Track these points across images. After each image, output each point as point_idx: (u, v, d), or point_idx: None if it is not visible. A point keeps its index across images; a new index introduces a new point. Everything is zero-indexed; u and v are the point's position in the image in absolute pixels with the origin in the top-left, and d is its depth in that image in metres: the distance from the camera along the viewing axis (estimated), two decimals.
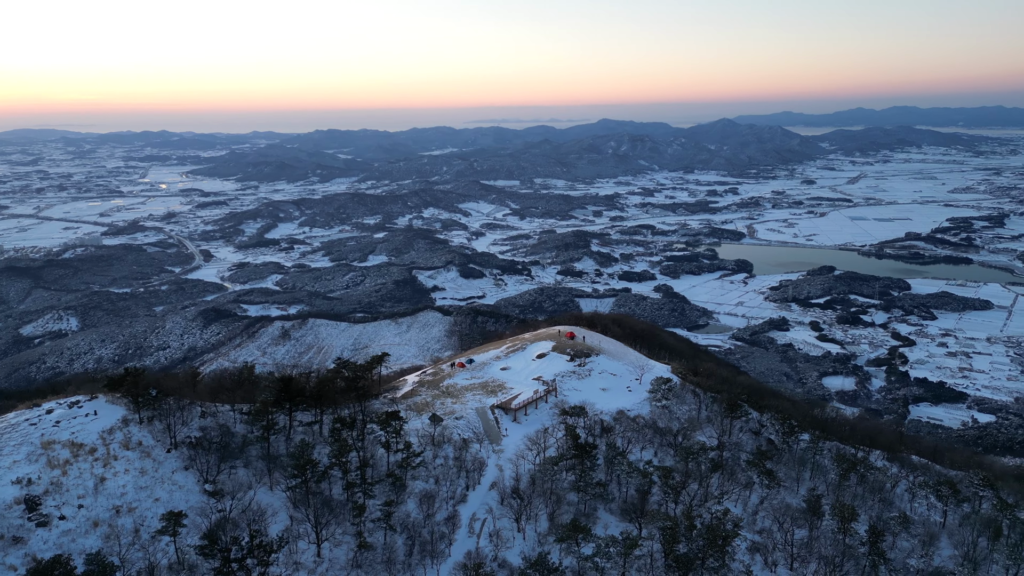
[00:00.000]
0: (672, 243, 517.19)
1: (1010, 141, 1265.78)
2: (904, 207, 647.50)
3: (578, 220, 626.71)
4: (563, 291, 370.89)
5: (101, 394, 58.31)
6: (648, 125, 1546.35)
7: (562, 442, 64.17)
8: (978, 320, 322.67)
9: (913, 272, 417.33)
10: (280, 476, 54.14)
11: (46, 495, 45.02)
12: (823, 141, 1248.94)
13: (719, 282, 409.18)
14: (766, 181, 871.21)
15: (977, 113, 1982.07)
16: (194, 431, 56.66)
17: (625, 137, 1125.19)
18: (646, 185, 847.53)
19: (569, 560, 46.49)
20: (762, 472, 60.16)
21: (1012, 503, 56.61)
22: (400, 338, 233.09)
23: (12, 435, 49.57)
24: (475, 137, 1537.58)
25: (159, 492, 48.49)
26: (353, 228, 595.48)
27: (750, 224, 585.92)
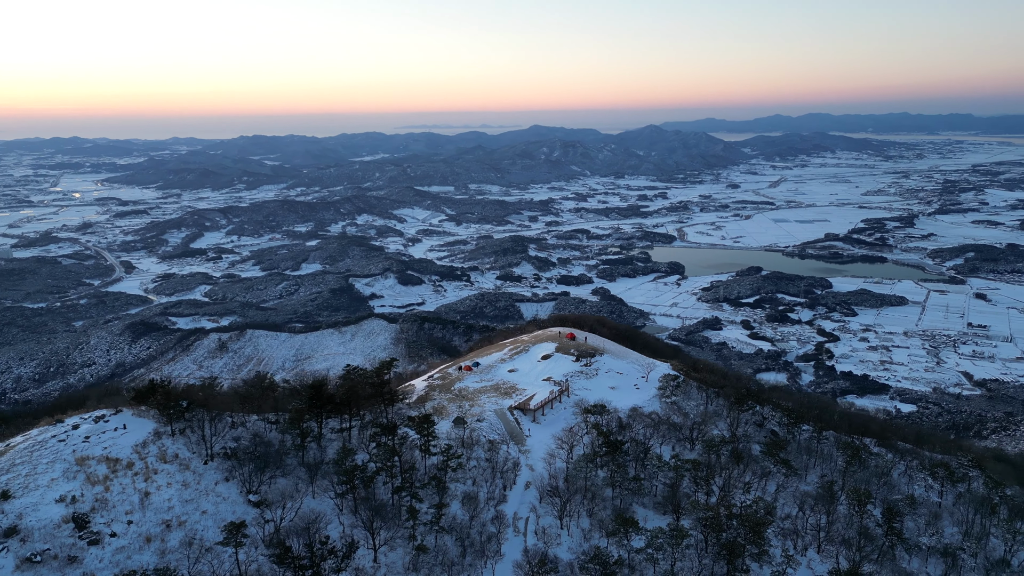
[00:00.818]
0: (607, 247, 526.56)
1: (916, 146, 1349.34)
2: (822, 209, 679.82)
3: (514, 225, 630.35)
4: (503, 296, 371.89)
5: (125, 407, 56.94)
6: (579, 131, 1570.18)
7: (589, 440, 64.98)
8: (895, 315, 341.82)
9: (834, 271, 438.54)
10: (328, 483, 53.54)
11: (93, 512, 43.68)
12: (745, 147, 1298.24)
13: (653, 284, 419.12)
14: (693, 185, 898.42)
15: (885, 119, 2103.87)
16: (228, 442, 55.73)
17: (557, 143, 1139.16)
18: (579, 190, 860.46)
19: (620, 553, 47.27)
20: (778, 461, 62.48)
21: (1000, 482, 60.92)
22: (345, 347, 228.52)
23: (42, 452, 47.90)
24: (407, 143, 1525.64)
25: (205, 504, 47.44)
26: (284, 236, 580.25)
27: (680, 227, 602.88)
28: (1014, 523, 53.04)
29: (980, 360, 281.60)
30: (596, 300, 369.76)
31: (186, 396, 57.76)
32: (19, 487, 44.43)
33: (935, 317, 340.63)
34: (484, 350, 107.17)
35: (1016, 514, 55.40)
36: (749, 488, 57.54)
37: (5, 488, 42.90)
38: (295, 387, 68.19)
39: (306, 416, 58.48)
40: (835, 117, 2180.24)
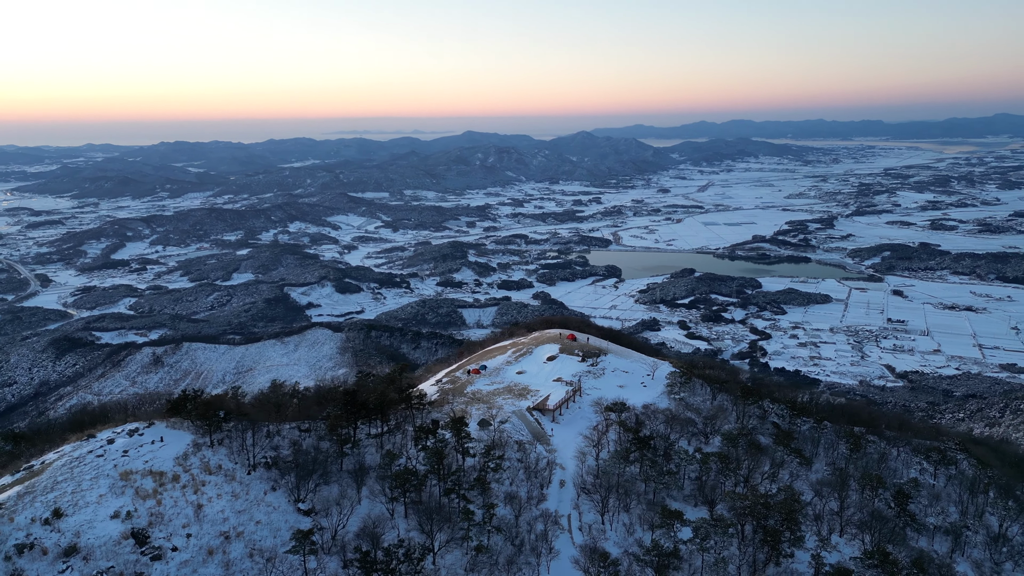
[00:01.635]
0: (545, 251, 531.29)
1: (832, 151, 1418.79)
2: (749, 212, 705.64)
3: (452, 231, 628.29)
4: (445, 302, 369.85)
5: (157, 420, 55.51)
6: (512, 137, 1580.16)
7: (615, 437, 65.83)
8: (821, 312, 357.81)
9: (762, 271, 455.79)
10: (378, 487, 53.32)
11: (150, 527, 42.88)
12: (673, 152, 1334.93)
13: (592, 287, 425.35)
14: (626, 190, 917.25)
15: (803, 126, 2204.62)
16: (267, 451, 54.71)
17: (492, 149, 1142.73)
18: (515, 196, 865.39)
19: (669, 544, 47.79)
20: (791, 451, 64.38)
21: (987, 462, 64.91)
22: (288, 358, 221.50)
23: (83, 468, 46.49)
24: (338, 148, 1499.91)
25: (257, 515, 46.61)
26: (213, 245, 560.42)
27: (615, 231, 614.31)
28: (1005, 501, 56.65)
29: (901, 353, 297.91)
30: (537, 304, 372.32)
31: (220, 406, 56.89)
32: (69, 504, 43.25)
33: (857, 314, 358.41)
34: (487, 353, 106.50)
35: (1004, 492, 59.14)
36: (774, 477, 59.42)
37: (56, 506, 41.63)
38: (322, 394, 67.47)
39: (344, 423, 58.72)
40: (757, 124, 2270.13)
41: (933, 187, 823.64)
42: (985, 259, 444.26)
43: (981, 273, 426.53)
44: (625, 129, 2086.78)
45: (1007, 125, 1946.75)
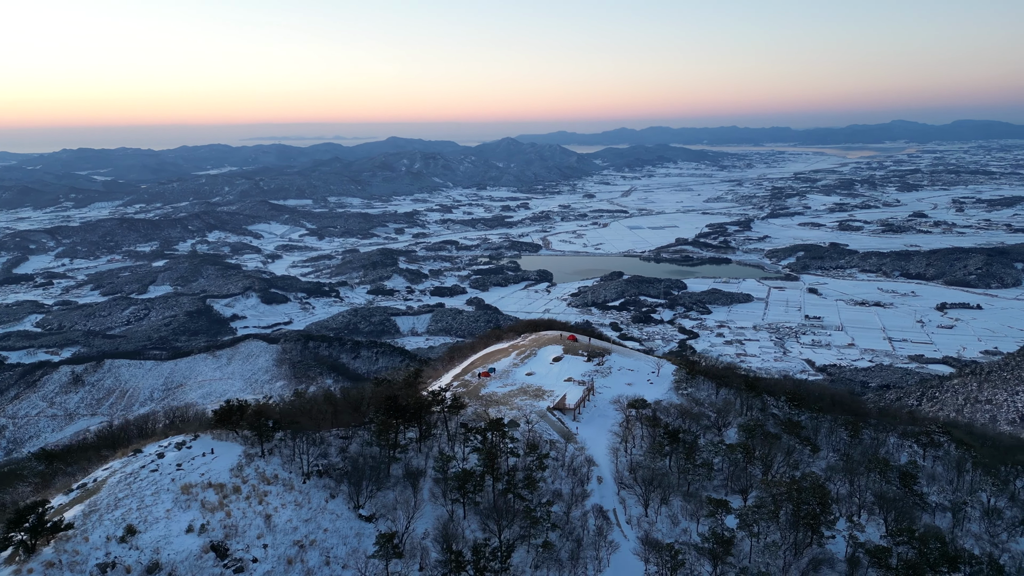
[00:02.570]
0: (477, 257, 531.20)
1: (745, 156, 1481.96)
2: (671, 216, 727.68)
3: (381, 238, 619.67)
4: (378, 311, 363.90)
5: (202, 432, 54.57)
6: (437, 143, 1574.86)
7: (642, 432, 66.85)
8: (744, 311, 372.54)
9: (686, 273, 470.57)
10: (436, 490, 53.53)
11: (227, 540, 42.57)
12: (596, 158, 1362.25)
13: (525, 292, 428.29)
14: (552, 196, 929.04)
15: (717, 132, 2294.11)
16: (316, 458, 54.21)
17: (418, 155, 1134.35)
18: (443, 202, 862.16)
19: (720, 531, 48.33)
20: (802, 440, 66.33)
21: (970, 444, 69.19)
22: (221, 372, 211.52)
23: (140, 484, 45.29)
24: (256, 155, 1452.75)
25: (323, 522, 46.17)
26: (125, 257, 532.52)
27: (544, 236, 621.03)
28: (994, 477, 60.69)
29: (819, 348, 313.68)
30: (472, 310, 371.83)
31: (268, 415, 56.25)
32: (138, 521, 42.77)
33: (777, 311, 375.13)
34: (491, 356, 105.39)
35: (987, 470, 63.43)
36: (796, 465, 61.26)
37: (127, 523, 41.00)
38: (349, 402, 66.69)
39: (392, 427, 59.25)
40: (674, 130, 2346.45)
41: (839, 190, 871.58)
42: (890, 257, 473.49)
43: (887, 270, 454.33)
44: (549, 135, 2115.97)
45: (903, 131, 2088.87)
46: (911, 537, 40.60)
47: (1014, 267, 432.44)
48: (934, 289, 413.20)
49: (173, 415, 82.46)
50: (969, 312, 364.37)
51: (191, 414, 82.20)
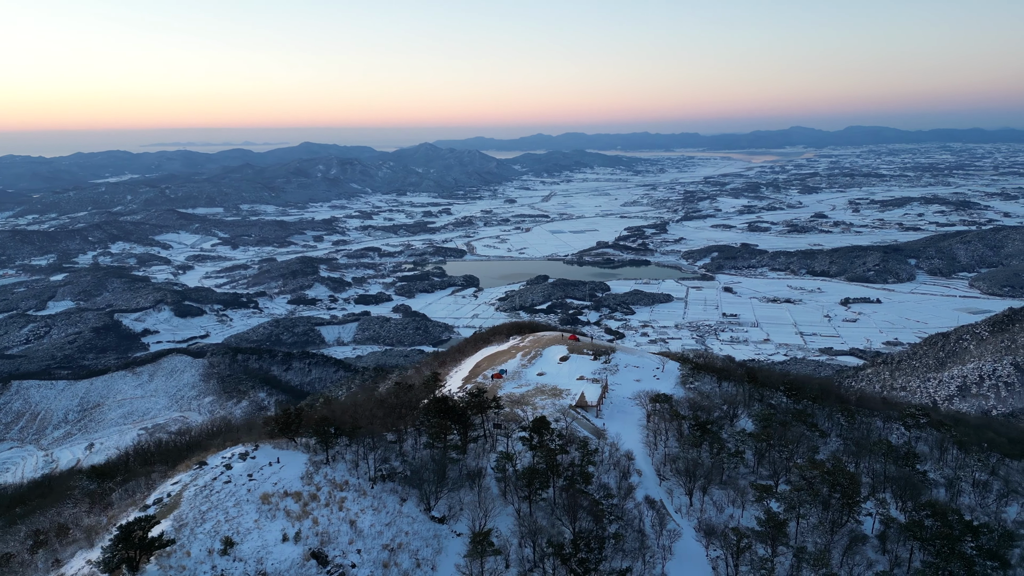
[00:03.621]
0: (401, 264, 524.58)
1: (657, 161, 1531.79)
2: (591, 220, 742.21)
3: (299, 246, 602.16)
4: (301, 321, 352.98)
5: (260, 441, 53.76)
6: (353, 149, 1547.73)
7: (665, 425, 67.76)
8: (665, 310, 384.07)
9: (609, 275, 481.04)
10: (497, 489, 53.19)
11: (323, 546, 42.55)
12: (516, 164, 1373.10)
13: (452, 298, 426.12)
14: (474, 201, 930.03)
15: (630, 138, 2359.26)
16: (377, 462, 53.68)
17: (334, 160, 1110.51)
18: (362, 208, 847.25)
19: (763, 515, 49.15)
20: (811, 427, 68.03)
21: (949, 425, 73.24)
22: (143, 390, 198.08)
23: (218, 496, 44.79)
24: (159, 162, 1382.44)
25: (403, 525, 46.35)
26: (19, 271, 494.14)
27: (468, 241, 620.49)
28: (979, 454, 64.50)
29: (737, 344, 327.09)
30: (399, 318, 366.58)
31: (330, 422, 54.97)
32: (230, 532, 42.60)
33: (696, 310, 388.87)
34: (496, 358, 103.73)
35: (965, 448, 67.33)
36: (817, 449, 62.64)
37: (224, 535, 40.94)
38: (388, 407, 64.94)
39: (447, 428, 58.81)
40: (589, 136, 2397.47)
41: (746, 193, 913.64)
42: (796, 256, 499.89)
43: (794, 269, 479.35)
44: (467, 141, 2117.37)
45: (801, 137, 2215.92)
46: (934, 512, 43.01)
47: (907, 263, 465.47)
48: (837, 285, 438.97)
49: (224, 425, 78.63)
50: (870, 306, 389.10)
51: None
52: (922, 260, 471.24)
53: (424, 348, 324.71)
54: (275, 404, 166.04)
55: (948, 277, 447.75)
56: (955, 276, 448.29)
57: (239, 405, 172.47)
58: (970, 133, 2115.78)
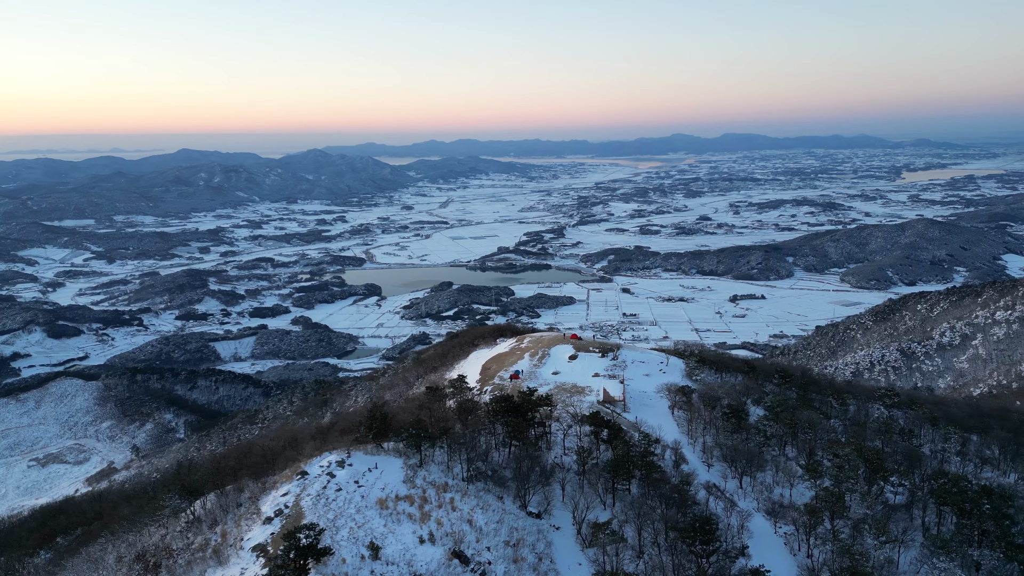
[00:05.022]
0: (297, 274, 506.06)
1: (550, 168, 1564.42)
2: (490, 226, 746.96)
3: (184, 259, 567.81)
4: (193, 337, 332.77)
5: (352, 448, 53.85)
6: (237, 155, 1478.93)
7: (704, 415, 68.93)
8: (569, 312, 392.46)
9: (512, 280, 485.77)
10: (579, 483, 52.96)
11: (457, 546, 43.24)
12: (410, 170, 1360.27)
13: (354, 307, 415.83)
14: (369, 208, 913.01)
15: (523, 145, 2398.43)
16: (463, 463, 54.28)
17: (217, 168, 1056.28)
18: (251, 217, 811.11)
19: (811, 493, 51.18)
20: (817, 411, 70.30)
21: (921, 404, 77.98)
22: (30, 418, 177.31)
23: (336, 504, 44.92)
24: (17, 171, 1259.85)
25: (511, 522, 47.04)
26: None
27: (367, 249, 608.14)
28: (950, 430, 69.09)
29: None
30: (300, 330, 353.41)
31: (421, 426, 54.79)
32: (369, 538, 42.96)
33: (598, 311, 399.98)
34: (501, 359, 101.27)
35: (934, 423, 72.41)
36: (834, 430, 64.19)
37: (370, 541, 41.91)
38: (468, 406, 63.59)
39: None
40: (483, 143, 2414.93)
41: (636, 198, 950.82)
42: (687, 257, 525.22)
43: (685, 269, 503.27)
44: (358, 147, 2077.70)
45: (682, 143, 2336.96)
46: (948, 480, 46.58)
47: (786, 261, 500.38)
48: (725, 283, 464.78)
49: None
50: (756, 302, 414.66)
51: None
52: (798, 258, 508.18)
53: (329, 360, 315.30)
54: (184, 425, 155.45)
55: (822, 273, 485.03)
56: (828, 272, 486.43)
57: (143, 428, 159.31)
58: (831, 140, 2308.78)
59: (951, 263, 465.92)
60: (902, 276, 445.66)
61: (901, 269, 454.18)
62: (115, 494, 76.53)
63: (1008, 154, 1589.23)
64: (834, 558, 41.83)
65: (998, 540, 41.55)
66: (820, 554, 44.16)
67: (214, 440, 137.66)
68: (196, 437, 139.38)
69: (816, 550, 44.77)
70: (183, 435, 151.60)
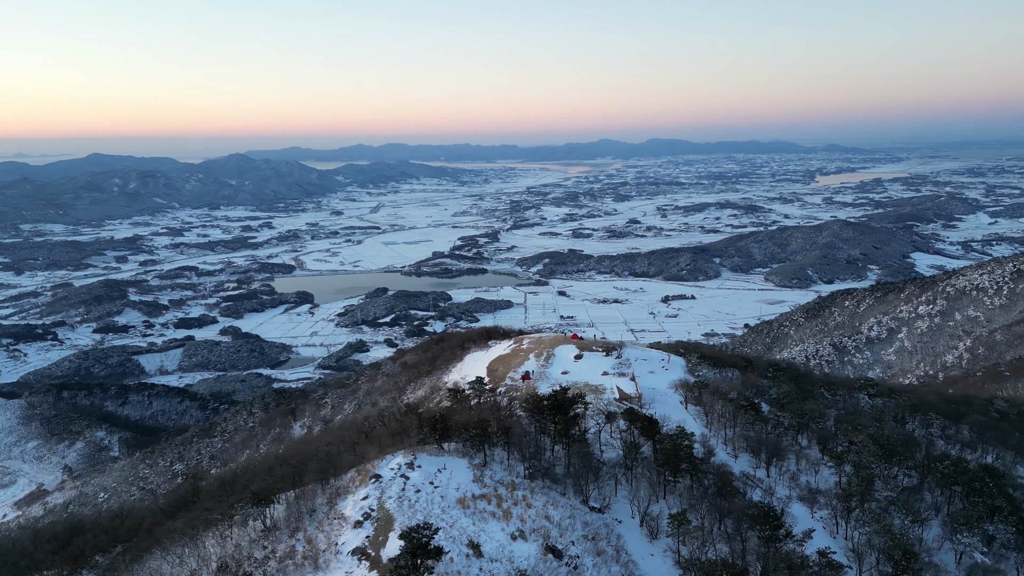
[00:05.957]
0: (223, 283, 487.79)
1: (482, 172, 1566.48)
2: (423, 231, 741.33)
3: (99, 268, 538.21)
4: (114, 351, 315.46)
5: (416, 450, 53.43)
6: (154, 160, 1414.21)
7: (720, 408, 69.74)
8: (508, 316, 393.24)
9: (448, 285, 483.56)
10: (641, 476, 53.71)
11: (546, 541, 44.06)
12: (339, 175, 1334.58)
13: (286, 316, 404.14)
14: (297, 214, 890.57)
15: (453, 149, 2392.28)
16: (526, 460, 54.31)
17: (132, 173, 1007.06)
18: (171, 224, 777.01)
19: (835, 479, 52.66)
20: (816, 402, 71.36)
21: (897, 392, 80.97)
22: None
23: (421, 505, 45.15)
24: None
25: (581, 517, 47.83)
26: None
27: (297, 256, 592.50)
28: (932, 417, 71.93)
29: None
30: (229, 340, 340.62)
31: (483, 425, 54.58)
32: (463, 536, 43.31)
33: (536, 314, 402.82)
34: (504, 361, 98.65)
35: (917, 411, 75.28)
36: (841, 419, 65.17)
37: (469, 539, 42.77)
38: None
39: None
40: (412, 147, 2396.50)
41: (567, 202, 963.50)
42: (619, 259, 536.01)
43: (618, 271, 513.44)
44: (283, 151, 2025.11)
45: (609, 148, 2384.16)
46: (951, 462, 49.01)
47: (713, 261, 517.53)
48: (657, 284, 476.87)
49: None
50: (687, 302, 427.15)
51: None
52: (725, 259, 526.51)
53: (262, 371, 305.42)
54: (119, 443, 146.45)
55: (747, 273, 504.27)
56: (753, 272, 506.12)
57: (73, 448, 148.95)
58: (749, 145, 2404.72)
59: (865, 261, 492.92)
60: (821, 275, 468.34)
61: (820, 268, 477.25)
62: (144, 509, 73.44)
63: (911, 158, 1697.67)
64: (872, 538, 44.00)
65: (1010, 515, 44.65)
66: (858, 536, 46.30)
67: (168, 455, 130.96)
68: (141, 454, 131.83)
69: (855, 532, 46.90)
70: (118, 453, 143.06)
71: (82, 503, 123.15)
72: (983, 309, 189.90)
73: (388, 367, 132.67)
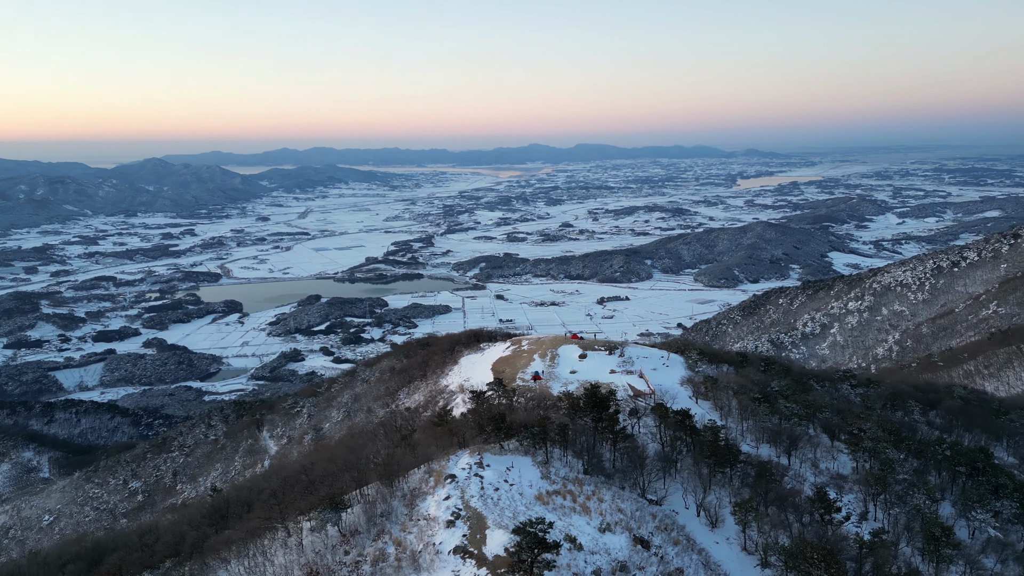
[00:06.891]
0: (144, 293, 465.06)
1: (412, 177, 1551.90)
2: (355, 236, 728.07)
3: (7, 280, 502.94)
4: (28, 367, 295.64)
5: (480, 449, 52.69)
6: (62, 165, 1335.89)
7: (733, 401, 70.67)
8: (446, 321, 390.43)
9: (384, 290, 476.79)
10: (686, 467, 54.26)
11: (628, 532, 44.51)
12: (263, 179, 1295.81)
13: (214, 326, 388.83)
14: (220, 220, 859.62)
15: (381, 154, 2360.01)
16: (573, 456, 54.70)
17: (40, 179, 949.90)
18: (84, 233, 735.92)
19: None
20: (816, 393, 72.02)
21: (876, 382, 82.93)
22: None
23: (504, 503, 46.08)
24: None
25: (646, 509, 48.83)
26: None
27: (222, 264, 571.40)
28: (911, 404, 74.50)
29: None
30: (154, 353, 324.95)
31: (541, 423, 54.56)
32: (554, 532, 41.74)
33: (475, 318, 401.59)
34: (507, 360, 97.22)
35: (898, 399, 78.08)
36: (842, 410, 66.14)
37: (565, 534, 42.33)
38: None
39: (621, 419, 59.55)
40: (339, 151, 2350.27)
41: (500, 206, 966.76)
42: (554, 262, 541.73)
43: (554, 274, 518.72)
44: (203, 156, 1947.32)
45: (539, 153, 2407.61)
46: (948, 444, 51.45)
47: (645, 263, 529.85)
48: (592, 286, 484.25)
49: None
50: (621, 303, 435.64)
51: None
52: (656, 260, 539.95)
53: (191, 384, 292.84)
54: (49, 463, 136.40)
55: (677, 274, 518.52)
56: (683, 272, 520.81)
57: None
58: (673, 150, 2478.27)
59: (787, 261, 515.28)
60: (747, 274, 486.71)
61: (745, 268, 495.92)
62: (170, 523, 69.83)
63: (824, 162, 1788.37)
64: (901, 519, 46.31)
65: (1013, 491, 47.72)
66: (893, 515, 48.37)
67: (120, 473, 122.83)
68: (83, 473, 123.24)
69: (886, 512, 48.93)
70: (48, 474, 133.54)
71: (25, 527, 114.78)
72: (908, 304, 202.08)
73: (365, 373, 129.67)
